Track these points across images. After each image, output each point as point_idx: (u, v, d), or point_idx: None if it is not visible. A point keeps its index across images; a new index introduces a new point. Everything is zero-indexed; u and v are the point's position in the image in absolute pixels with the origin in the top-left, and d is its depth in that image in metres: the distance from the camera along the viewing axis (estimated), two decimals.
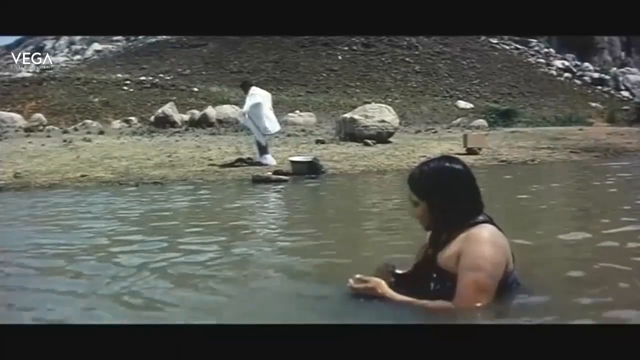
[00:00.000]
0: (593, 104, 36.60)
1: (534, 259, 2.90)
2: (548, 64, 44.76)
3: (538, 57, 45.86)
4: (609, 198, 6.13)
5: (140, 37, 44.51)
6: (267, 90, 11.25)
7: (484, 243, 1.99)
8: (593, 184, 7.65)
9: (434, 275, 2.06)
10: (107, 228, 4.40)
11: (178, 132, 18.39)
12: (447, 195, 2.05)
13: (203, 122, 20.17)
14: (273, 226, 4.58)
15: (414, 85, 36.84)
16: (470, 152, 12.13)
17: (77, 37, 47.72)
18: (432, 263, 2.08)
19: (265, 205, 6.41)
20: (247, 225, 4.73)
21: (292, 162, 9.29)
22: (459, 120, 26.20)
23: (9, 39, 60.45)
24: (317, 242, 3.68)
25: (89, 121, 22.17)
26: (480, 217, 2.08)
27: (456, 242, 2.03)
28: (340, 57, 39.06)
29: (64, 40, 49.99)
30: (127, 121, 22.50)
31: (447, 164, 2.11)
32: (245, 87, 10.55)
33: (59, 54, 47.25)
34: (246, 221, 5.01)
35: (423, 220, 2.13)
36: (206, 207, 5.98)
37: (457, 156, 2.27)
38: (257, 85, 10.81)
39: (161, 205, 6.02)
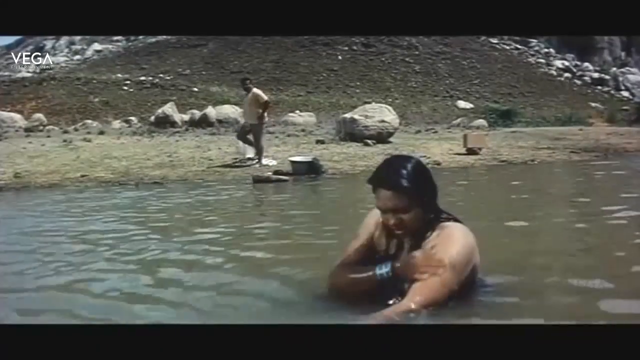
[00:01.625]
0: (593, 104, 36.64)
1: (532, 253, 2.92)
2: (548, 64, 44.81)
3: (538, 57, 45.91)
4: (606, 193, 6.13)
5: (140, 37, 44.53)
6: (267, 90, 11.30)
7: (456, 242, 1.95)
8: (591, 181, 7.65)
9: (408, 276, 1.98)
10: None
11: (178, 132, 18.42)
12: (431, 190, 2.03)
13: (203, 122, 20.20)
14: (272, 226, 4.57)
15: (414, 85, 36.87)
16: (470, 152, 12.14)
17: (77, 37, 47.74)
18: (406, 266, 2.00)
19: (265, 205, 6.40)
20: (246, 225, 4.73)
21: (292, 162, 9.29)
22: (459, 120, 26.22)
23: (9, 39, 60.48)
24: (317, 241, 3.67)
25: (89, 121, 22.21)
26: (445, 214, 2.06)
27: (431, 239, 1.98)
28: (340, 57, 39.10)
29: (64, 40, 50.04)
30: (127, 121, 22.54)
31: (416, 159, 2.06)
32: (245, 84, 10.53)
33: (59, 54, 47.28)
34: (246, 221, 5.01)
35: (414, 225, 2.00)
36: (205, 207, 5.98)
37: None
38: (256, 86, 10.87)
39: (161, 204, 6.02)
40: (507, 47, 45.87)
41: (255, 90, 10.32)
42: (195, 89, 29.82)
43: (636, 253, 3.03)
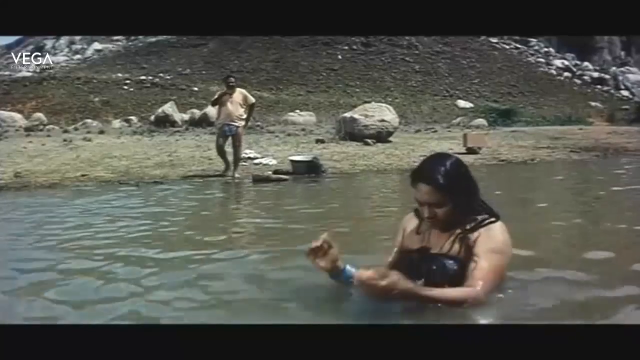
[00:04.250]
0: (593, 104, 36.64)
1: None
2: (548, 64, 44.80)
3: (538, 57, 45.90)
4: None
5: (140, 37, 44.52)
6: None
7: (499, 230, 2.06)
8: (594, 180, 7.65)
9: (435, 262, 2.08)
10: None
11: (178, 131, 18.41)
12: (469, 187, 2.12)
13: (203, 122, 20.19)
14: (272, 225, 4.57)
15: (414, 85, 36.87)
16: (470, 151, 12.15)
17: (77, 37, 47.73)
18: (437, 254, 2.10)
19: (264, 204, 6.40)
20: (246, 225, 4.73)
21: (292, 161, 9.29)
22: (458, 119, 26.22)
23: (9, 39, 60.41)
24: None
25: (89, 120, 22.19)
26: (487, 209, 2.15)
27: (472, 231, 2.07)
28: (340, 57, 39.10)
29: (64, 39, 50.03)
30: (127, 120, 22.53)
31: (455, 158, 2.15)
32: (229, 82, 9.20)
33: (59, 53, 47.27)
34: (245, 220, 5.01)
35: (448, 219, 2.08)
36: (205, 207, 5.98)
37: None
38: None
39: (161, 204, 6.02)
40: (507, 47, 45.86)
41: (241, 89, 9.30)
42: (195, 89, 29.80)
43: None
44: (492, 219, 2.09)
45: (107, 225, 4.45)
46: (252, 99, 9.34)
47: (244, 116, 9.06)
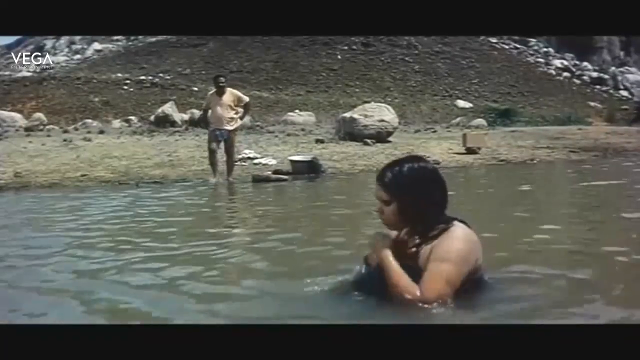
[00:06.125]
0: (592, 104, 36.62)
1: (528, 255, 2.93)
2: (547, 64, 44.76)
3: (537, 57, 45.87)
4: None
5: (140, 37, 44.48)
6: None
7: (455, 238, 2.05)
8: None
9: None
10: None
11: (178, 131, 18.40)
12: (421, 195, 2.09)
13: (203, 122, 20.14)
14: (272, 225, 4.57)
15: (414, 85, 36.84)
16: (470, 151, 12.15)
17: (77, 37, 47.70)
18: (405, 261, 2.10)
19: (264, 204, 6.40)
20: (245, 225, 4.74)
21: (292, 161, 9.31)
22: (458, 119, 26.18)
23: (9, 39, 60.40)
24: (316, 240, 3.68)
25: (89, 120, 22.16)
26: (450, 217, 2.14)
27: (430, 240, 2.07)
28: (339, 57, 39.05)
29: (64, 39, 49.94)
30: (127, 121, 22.49)
31: (421, 164, 2.16)
32: (219, 82, 8.86)
33: (59, 53, 47.21)
34: (244, 220, 5.02)
35: (391, 219, 2.13)
36: (205, 206, 5.99)
37: (424, 157, 2.34)
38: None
39: (160, 204, 6.02)
40: (506, 47, 45.81)
41: (233, 90, 8.91)
42: (195, 89, 29.73)
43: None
44: (446, 227, 2.07)
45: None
46: (246, 99, 8.92)
47: (236, 118, 8.67)
